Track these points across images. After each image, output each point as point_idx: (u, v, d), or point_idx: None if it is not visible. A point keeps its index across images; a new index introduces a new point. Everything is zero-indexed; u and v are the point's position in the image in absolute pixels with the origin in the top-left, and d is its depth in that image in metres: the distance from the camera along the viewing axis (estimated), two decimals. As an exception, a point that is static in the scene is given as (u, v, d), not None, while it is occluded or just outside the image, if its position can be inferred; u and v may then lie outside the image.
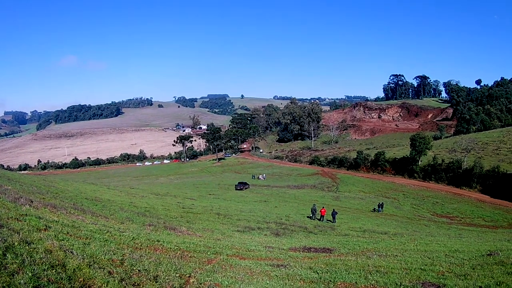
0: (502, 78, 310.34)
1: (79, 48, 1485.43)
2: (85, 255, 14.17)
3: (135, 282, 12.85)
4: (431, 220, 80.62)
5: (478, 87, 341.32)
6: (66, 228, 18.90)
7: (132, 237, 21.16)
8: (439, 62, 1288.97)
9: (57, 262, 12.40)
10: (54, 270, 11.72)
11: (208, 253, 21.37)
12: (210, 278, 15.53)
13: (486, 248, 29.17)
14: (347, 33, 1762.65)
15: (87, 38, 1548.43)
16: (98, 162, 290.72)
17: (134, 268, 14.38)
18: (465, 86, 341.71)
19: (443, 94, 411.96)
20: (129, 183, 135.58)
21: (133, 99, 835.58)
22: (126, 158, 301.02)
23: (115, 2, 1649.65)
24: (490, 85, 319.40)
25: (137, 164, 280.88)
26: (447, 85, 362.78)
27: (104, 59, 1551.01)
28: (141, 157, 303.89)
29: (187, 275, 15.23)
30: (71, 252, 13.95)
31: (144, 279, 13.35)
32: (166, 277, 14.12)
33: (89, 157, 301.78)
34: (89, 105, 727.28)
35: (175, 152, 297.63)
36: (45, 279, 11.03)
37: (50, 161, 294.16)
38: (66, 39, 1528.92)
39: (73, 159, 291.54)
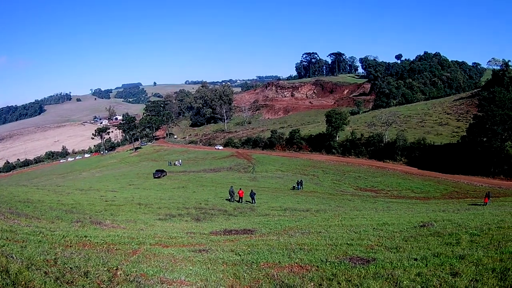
0: (425, 52, 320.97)
1: (8, 47, 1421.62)
2: (23, 258, 14.80)
3: (68, 280, 13.25)
4: (354, 194, 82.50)
5: (399, 61, 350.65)
6: (5, 234, 20.08)
7: (63, 236, 21.85)
8: (356, 39, 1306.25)
9: (1, 268, 13.01)
10: (0, 276, 12.25)
11: (132, 244, 21.71)
12: (135, 269, 15.77)
13: (418, 220, 29.52)
14: (256, 12, 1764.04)
15: (12, 36, 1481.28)
16: (27, 163, 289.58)
17: (67, 266, 14.76)
18: (384, 61, 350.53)
19: (360, 70, 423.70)
20: (55, 181, 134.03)
21: (53, 95, 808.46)
22: (51, 156, 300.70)
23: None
24: (412, 60, 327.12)
25: (61, 161, 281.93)
26: (363, 60, 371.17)
27: (29, 57, 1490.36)
28: (64, 153, 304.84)
29: (114, 268, 15.49)
30: (12, 257, 14.55)
31: (76, 276, 13.76)
32: (96, 272, 14.48)
33: (18, 159, 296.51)
34: (15, 105, 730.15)
35: (94, 145, 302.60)
36: (-8, 285, 11.60)
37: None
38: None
39: (5, 163, 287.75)
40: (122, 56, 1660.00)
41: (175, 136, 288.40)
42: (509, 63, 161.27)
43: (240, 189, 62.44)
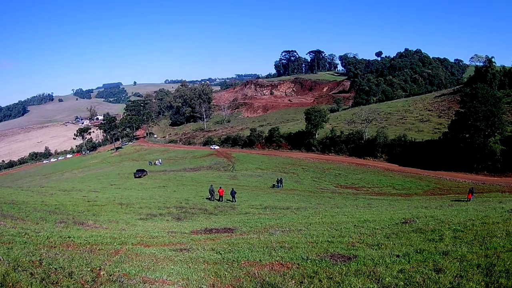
0: (406, 49, 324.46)
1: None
2: (10, 259, 15.04)
3: (53, 281, 13.40)
4: (335, 192, 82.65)
5: (379, 59, 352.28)
6: (-8, 235, 20.88)
7: (47, 236, 22.47)
8: (336, 36, 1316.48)
9: (-12, 270, 13.38)
10: (-12, 278, 12.60)
11: (115, 244, 22.07)
12: (118, 269, 15.91)
13: (400, 216, 29.70)
14: (235, 11, 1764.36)
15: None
16: (11, 164, 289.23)
17: (51, 266, 14.97)
18: (364, 58, 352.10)
19: (340, 68, 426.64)
20: (39, 182, 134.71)
21: (36, 96, 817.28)
22: (34, 157, 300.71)
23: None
24: (392, 57, 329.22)
25: (44, 161, 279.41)
26: (343, 58, 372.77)
27: (12, 57, 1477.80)
28: (47, 154, 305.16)
29: (98, 268, 15.65)
30: (-1, 259, 14.92)
31: (61, 277, 13.90)
32: (79, 272, 14.66)
33: (3, 160, 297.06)
34: (0, 106, 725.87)
35: (76, 146, 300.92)
36: (-20, 287, 12.02)
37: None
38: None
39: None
40: (103, 56, 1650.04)
41: (155, 136, 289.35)
42: (493, 60, 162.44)
43: (220, 187, 63.09)
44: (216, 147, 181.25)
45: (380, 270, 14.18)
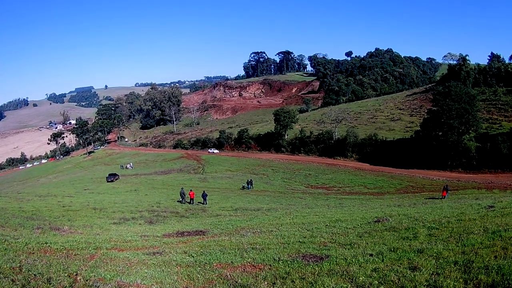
0: (376, 49, 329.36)
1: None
2: None
3: (33, 287, 13.85)
4: (305, 192, 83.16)
5: (349, 59, 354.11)
6: (-26, 243, 21.38)
7: (25, 243, 22.77)
8: (305, 37, 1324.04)
9: (-29, 277, 14.00)
10: (-30, 285, 13.07)
11: (90, 249, 22.20)
12: (94, 274, 16.04)
13: (372, 215, 29.81)
14: (203, 12, 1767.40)
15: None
16: None
17: (31, 273, 15.39)
18: (334, 58, 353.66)
19: (309, 68, 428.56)
20: (16, 188, 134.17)
21: (12, 101, 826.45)
22: (11, 162, 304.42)
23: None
24: (362, 57, 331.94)
25: (20, 167, 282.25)
26: (312, 58, 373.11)
27: None
28: (23, 159, 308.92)
29: (75, 273, 15.87)
30: (-19, 266, 15.51)
31: (40, 283, 14.20)
32: (57, 278, 14.87)
33: None
34: None
35: (50, 151, 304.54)
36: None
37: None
38: None
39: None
40: (75, 59, 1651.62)
41: (126, 139, 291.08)
42: (467, 58, 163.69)
43: (191, 190, 63.31)
44: (216, 151, 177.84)
45: (354, 270, 13.99)
